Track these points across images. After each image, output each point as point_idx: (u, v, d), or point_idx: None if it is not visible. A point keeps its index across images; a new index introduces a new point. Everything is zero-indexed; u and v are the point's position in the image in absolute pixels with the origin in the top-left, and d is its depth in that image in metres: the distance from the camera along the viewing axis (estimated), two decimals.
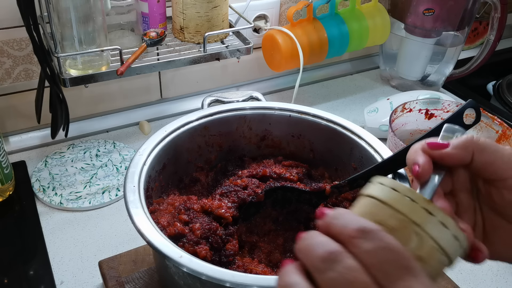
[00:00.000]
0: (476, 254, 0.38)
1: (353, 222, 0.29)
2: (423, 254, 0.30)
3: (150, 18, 0.84)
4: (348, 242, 0.28)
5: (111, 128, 0.98)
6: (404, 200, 0.31)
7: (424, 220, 0.30)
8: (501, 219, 0.41)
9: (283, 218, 0.62)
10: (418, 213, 0.30)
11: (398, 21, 1.10)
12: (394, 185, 0.32)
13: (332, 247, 0.28)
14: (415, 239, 0.30)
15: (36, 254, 0.71)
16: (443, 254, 0.30)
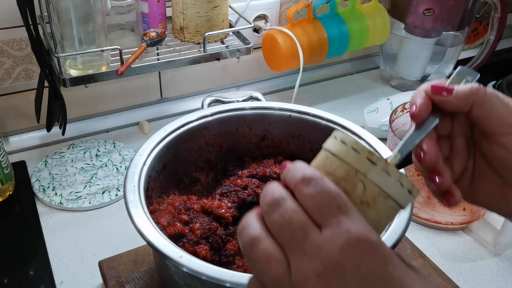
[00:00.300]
0: (448, 197, 0.42)
1: (300, 172, 0.32)
2: (368, 199, 0.33)
3: (150, 18, 0.84)
4: (293, 189, 0.32)
5: (111, 128, 0.98)
6: (350, 151, 0.34)
7: (367, 168, 0.33)
8: (489, 168, 0.43)
9: None
10: (362, 162, 0.33)
11: (398, 21, 1.10)
12: (344, 138, 0.35)
13: (278, 193, 0.32)
14: (360, 186, 0.33)
15: (36, 254, 0.71)
16: (387, 198, 0.33)
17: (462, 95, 0.40)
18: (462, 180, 0.44)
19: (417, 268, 0.32)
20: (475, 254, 0.75)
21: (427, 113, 0.41)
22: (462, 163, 0.44)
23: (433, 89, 0.41)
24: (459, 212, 0.75)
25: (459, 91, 0.40)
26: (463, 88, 0.41)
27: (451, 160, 0.44)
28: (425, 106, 0.41)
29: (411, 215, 0.52)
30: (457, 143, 0.43)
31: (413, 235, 0.77)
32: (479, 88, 0.40)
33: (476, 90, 0.40)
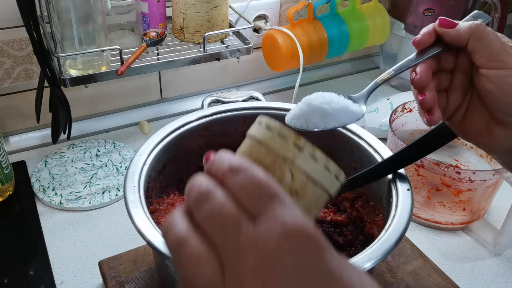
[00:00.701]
0: (428, 115, 0.46)
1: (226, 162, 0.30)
2: (297, 187, 0.31)
3: (150, 18, 0.84)
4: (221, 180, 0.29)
5: (111, 128, 0.98)
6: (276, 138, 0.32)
7: (294, 155, 0.31)
8: (480, 103, 0.46)
9: None
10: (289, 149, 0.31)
11: (398, 21, 1.10)
12: (269, 124, 0.33)
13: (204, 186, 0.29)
14: (288, 174, 0.31)
15: (36, 254, 0.71)
16: (316, 186, 0.32)
17: (462, 29, 0.44)
18: (457, 113, 0.48)
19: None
20: (475, 254, 0.75)
21: (428, 41, 0.46)
22: (458, 97, 0.47)
23: (439, 21, 0.46)
24: (459, 212, 0.75)
25: (460, 26, 0.45)
26: (465, 24, 0.44)
27: (449, 92, 0.48)
28: (428, 35, 0.46)
29: (411, 215, 0.52)
30: (457, 78, 0.47)
31: (413, 235, 0.77)
32: (479, 25, 0.44)
33: (476, 26, 0.44)
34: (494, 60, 0.43)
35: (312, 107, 0.49)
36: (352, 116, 0.49)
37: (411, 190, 0.55)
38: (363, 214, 0.62)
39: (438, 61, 0.47)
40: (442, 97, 0.48)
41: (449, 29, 0.45)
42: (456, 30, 0.45)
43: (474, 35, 0.43)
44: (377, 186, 0.60)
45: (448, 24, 0.45)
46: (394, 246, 0.48)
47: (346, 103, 0.49)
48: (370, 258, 0.46)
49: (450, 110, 0.48)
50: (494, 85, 0.43)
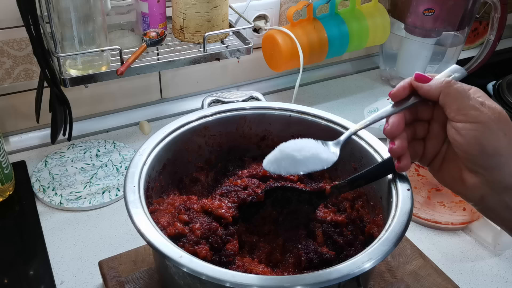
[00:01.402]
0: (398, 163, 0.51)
1: None
2: None
3: (150, 18, 0.84)
4: None
5: (111, 128, 0.98)
6: None
7: None
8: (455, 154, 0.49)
9: (283, 218, 0.62)
10: None
11: (398, 21, 1.10)
12: None
13: None
14: None
15: (36, 254, 0.71)
16: None
17: (433, 84, 0.48)
18: (435, 160, 0.51)
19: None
20: (475, 254, 0.75)
21: (402, 95, 0.50)
22: (435, 146, 0.51)
23: (415, 76, 0.49)
24: (459, 212, 0.75)
25: (433, 81, 0.48)
26: (437, 80, 0.48)
27: (426, 141, 0.51)
28: (403, 88, 0.50)
29: (411, 215, 0.52)
30: (434, 128, 0.51)
31: (413, 235, 0.77)
32: (448, 82, 0.47)
33: (446, 83, 0.47)
34: (461, 114, 0.46)
35: (284, 154, 0.53)
36: (322, 163, 0.53)
37: (411, 190, 0.55)
38: (363, 214, 0.62)
39: (415, 112, 0.51)
40: (419, 145, 0.52)
41: (423, 83, 0.49)
42: (428, 85, 0.48)
43: (444, 90, 0.47)
44: (377, 186, 0.60)
45: (422, 79, 0.49)
46: (394, 246, 0.48)
47: (317, 151, 0.53)
48: (370, 258, 0.46)
49: (428, 158, 0.52)
50: (462, 137, 0.46)
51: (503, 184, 0.46)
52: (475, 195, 0.48)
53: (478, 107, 0.45)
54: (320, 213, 0.62)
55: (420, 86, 0.49)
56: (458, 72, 0.51)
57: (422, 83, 0.49)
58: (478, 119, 0.45)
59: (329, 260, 0.55)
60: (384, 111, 0.51)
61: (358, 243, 0.59)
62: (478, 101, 0.46)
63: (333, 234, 0.59)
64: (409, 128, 0.51)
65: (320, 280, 0.44)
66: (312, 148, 0.54)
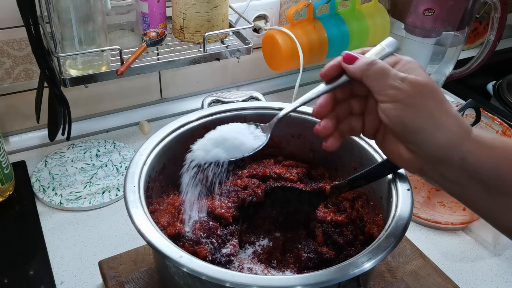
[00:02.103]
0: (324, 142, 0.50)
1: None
2: None
3: (150, 18, 0.84)
4: None
5: (111, 128, 0.98)
6: None
7: None
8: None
9: (283, 218, 0.62)
10: None
11: (398, 21, 1.10)
12: None
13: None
14: None
15: (36, 254, 0.71)
16: None
17: (357, 66, 0.48)
18: (378, 134, 0.51)
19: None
20: (475, 254, 0.75)
21: (331, 74, 0.50)
22: (374, 121, 0.50)
23: (343, 56, 0.50)
24: (459, 212, 0.75)
25: (357, 63, 0.48)
26: (360, 61, 0.47)
27: (364, 116, 0.51)
28: (332, 67, 0.51)
29: (411, 215, 0.52)
30: (370, 103, 0.50)
31: (413, 235, 0.77)
32: (370, 62, 0.46)
33: (367, 65, 0.47)
34: (382, 94, 0.46)
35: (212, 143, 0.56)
36: (244, 151, 0.55)
37: (411, 190, 0.55)
38: (363, 214, 0.62)
39: (350, 88, 0.51)
40: (356, 121, 0.51)
41: (348, 65, 0.49)
42: (352, 67, 0.48)
43: (365, 73, 0.47)
44: (377, 186, 0.60)
45: (349, 59, 0.49)
46: (394, 246, 0.48)
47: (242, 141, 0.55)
48: (370, 258, 0.46)
49: (369, 132, 0.51)
50: (386, 117, 0.46)
51: (435, 158, 0.45)
52: (413, 168, 0.48)
53: (397, 85, 0.45)
54: (320, 213, 0.62)
55: (346, 67, 0.49)
56: (390, 47, 0.49)
57: (348, 64, 0.49)
58: (396, 98, 0.45)
59: (329, 260, 0.55)
60: (315, 91, 0.51)
61: (358, 243, 0.59)
62: (399, 77, 0.45)
63: (333, 234, 0.59)
64: (344, 105, 0.51)
65: (320, 280, 0.44)
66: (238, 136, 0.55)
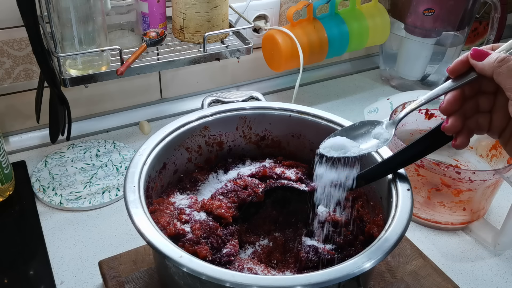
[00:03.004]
0: (454, 141, 0.49)
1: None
2: None
3: (150, 18, 0.84)
4: None
5: (111, 128, 0.98)
6: None
7: None
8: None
9: (283, 218, 0.62)
10: None
11: (398, 21, 1.10)
12: None
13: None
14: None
15: (36, 254, 0.71)
16: None
17: (486, 63, 0.45)
18: (505, 132, 0.49)
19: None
20: (475, 254, 0.75)
21: (460, 70, 0.48)
22: (502, 118, 0.48)
23: (471, 52, 0.47)
24: (459, 212, 0.75)
25: (487, 60, 0.46)
26: (491, 58, 0.45)
27: (492, 114, 0.49)
28: (461, 63, 0.48)
29: (411, 215, 0.52)
30: (499, 99, 0.48)
31: (413, 235, 0.77)
32: (503, 59, 0.44)
33: (499, 61, 0.45)
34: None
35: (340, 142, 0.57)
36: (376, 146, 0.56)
37: (411, 190, 0.55)
38: (363, 214, 0.62)
39: (478, 84, 0.49)
40: (484, 118, 0.49)
41: (477, 61, 0.46)
42: (482, 64, 0.46)
43: (496, 70, 0.45)
44: (377, 186, 0.60)
45: (478, 55, 0.47)
46: (394, 246, 0.48)
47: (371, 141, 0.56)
48: (370, 258, 0.46)
49: (496, 130, 0.49)
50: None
51: None
52: None
53: None
54: (320, 213, 0.62)
55: (475, 64, 0.47)
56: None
57: (477, 60, 0.46)
58: None
59: (329, 260, 0.55)
60: (442, 87, 0.49)
61: (358, 243, 0.59)
62: None
63: (333, 234, 0.59)
64: (471, 102, 0.49)
65: (320, 280, 0.44)
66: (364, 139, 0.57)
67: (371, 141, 0.56)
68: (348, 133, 0.58)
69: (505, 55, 0.45)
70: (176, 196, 0.62)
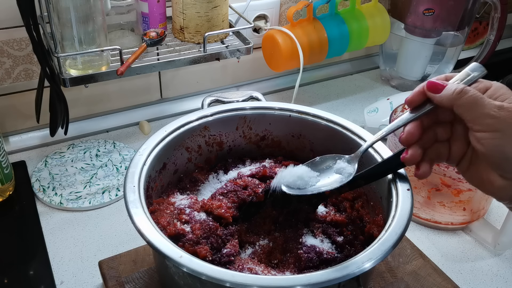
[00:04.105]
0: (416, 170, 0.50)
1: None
2: None
3: (150, 18, 0.84)
4: None
5: (111, 128, 0.98)
6: None
7: None
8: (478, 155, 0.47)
9: (283, 218, 0.62)
10: None
11: (398, 21, 1.10)
12: None
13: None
14: None
15: (36, 254, 0.71)
16: None
17: (444, 96, 0.46)
18: (463, 161, 0.49)
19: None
20: (475, 254, 0.75)
21: (418, 101, 0.48)
22: (461, 147, 0.49)
23: (427, 85, 0.47)
24: (459, 212, 0.75)
25: (444, 92, 0.46)
26: (448, 90, 0.46)
27: (450, 143, 0.49)
28: (418, 95, 0.48)
29: (411, 215, 0.52)
30: (457, 129, 0.49)
31: (413, 235, 0.77)
32: (461, 91, 0.45)
33: (457, 94, 0.45)
34: (477, 124, 0.44)
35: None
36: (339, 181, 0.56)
37: (411, 190, 0.55)
38: (363, 214, 0.62)
39: (435, 115, 0.49)
40: (443, 147, 0.50)
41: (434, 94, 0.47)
42: (439, 96, 0.46)
43: (456, 103, 0.45)
44: (377, 186, 0.60)
45: (434, 89, 0.47)
46: (394, 246, 0.48)
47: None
48: (370, 258, 0.46)
49: (454, 159, 0.50)
50: (482, 146, 0.44)
51: None
52: (504, 195, 0.47)
53: (494, 113, 0.43)
54: (320, 213, 0.62)
55: (432, 96, 0.47)
56: (476, 71, 0.47)
57: (434, 93, 0.47)
58: (495, 127, 0.43)
59: (329, 260, 0.55)
60: (401, 119, 0.50)
61: (358, 243, 0.59)
62: (495, 106, 0.43)
63: (333, 234, 0.59)
64: (430, 132, 0.49)
65: (320, 280, 0.44)
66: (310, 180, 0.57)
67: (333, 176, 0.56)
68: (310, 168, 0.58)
69: (462, 86, 0.45)
70: (176, 196, 0.62)
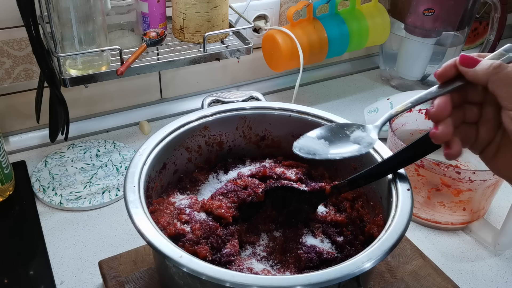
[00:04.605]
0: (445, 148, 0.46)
1: None
2: None
3: (150, 18, 0.84)
4: None
5: (111, 128, 0.98)
6: None
7: None
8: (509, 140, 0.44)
9: (283, 218, 0.62)
10: None
11: (398, 21, 1.10)
12: None
13: None
14: None
15: (36, 254, 0.71)
16: None
17: (479, 71, 0.43)
18: (489, 147, 0.46)
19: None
20: (475, 254, 0.75)
21: (449, 75, 0.45)
22: (489, 132, 0.45)
23: (460, 59, 0.44)
24: (459, 212, 0.75)
25: (479, 67, 0.43)
26: (484, 64, 0.42)
27: (479, 126, 0.46)
28: (449, 68, 0.45)
29: (411, 215, 0.52)
30: (487, 111, 0.45)
31: (413, 235, 0.77)
32: (497, 67, 0.42)
33: (493, 69, 0.42)
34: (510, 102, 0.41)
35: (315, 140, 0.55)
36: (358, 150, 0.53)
37: (411, 190, 0.55)
38: (363, 214, 0.62)
39: (464, 94, 0.46)
40: (471, 130, 0.46)
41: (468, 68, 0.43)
42: (473, 71, 0.43)
43: (492, 78, 0.42)
44: (377, 186, 0.60)
45: (468, 63, 0.43)
46: (394, 246, 0.48)
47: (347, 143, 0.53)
48: (370, 258, 0.46)
49: (480, 144, 0.46)
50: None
51: None
52: None
53: None
54: (320, 213, 0.62)
55: (466, 71, 0.43)
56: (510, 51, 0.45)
57: (467, 67, 0.43)
58: None
59: (329, 260, 0.55)
60: (429, 92, 0.47)
61: (358, 243, 0.59)
62: None
63: (333, 234, 0.59)
64: (458, 111, 0.46)
65: (320, 280, 0.44)
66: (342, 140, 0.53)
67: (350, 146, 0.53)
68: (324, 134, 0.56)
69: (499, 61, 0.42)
70: (176, 196, 0.62)
